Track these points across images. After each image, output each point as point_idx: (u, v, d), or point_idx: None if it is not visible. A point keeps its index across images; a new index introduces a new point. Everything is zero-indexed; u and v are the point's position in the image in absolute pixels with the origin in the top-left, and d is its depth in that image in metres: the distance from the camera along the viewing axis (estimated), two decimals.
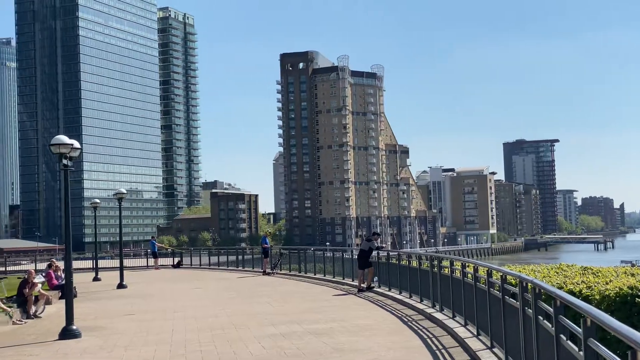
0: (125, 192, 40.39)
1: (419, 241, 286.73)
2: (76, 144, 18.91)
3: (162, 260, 56.79)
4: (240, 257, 52.42)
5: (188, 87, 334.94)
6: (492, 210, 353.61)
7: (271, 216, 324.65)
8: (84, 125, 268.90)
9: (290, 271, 40.60)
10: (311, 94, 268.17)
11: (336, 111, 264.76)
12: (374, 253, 27.99)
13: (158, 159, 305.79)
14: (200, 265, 55.01)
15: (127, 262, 47.11)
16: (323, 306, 23.43)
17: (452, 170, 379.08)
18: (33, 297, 23.43)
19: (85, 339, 17.65)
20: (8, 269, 61.84)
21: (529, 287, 10.01)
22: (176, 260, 56.90)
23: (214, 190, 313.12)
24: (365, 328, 17.64)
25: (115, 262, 51.90)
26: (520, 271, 14.83)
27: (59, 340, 17.63)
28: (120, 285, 35.16)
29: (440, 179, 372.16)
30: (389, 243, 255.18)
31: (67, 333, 17.91)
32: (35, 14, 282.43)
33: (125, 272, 37.89)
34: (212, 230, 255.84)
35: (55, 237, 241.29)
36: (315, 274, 36.54)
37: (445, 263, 18.25)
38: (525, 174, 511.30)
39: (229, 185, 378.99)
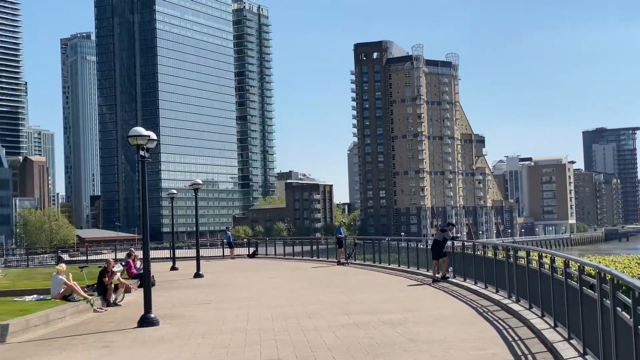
0: (201, 182, 40.87)
1: (495, 231, 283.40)
2: (153, 136, 19.20)
3: (237, 250, 57.41)
4: (314, 247, 52.61)
5: (262, 78, 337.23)
6: (570, 200, 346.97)
7: (346, 206, 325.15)
8: (161, 117, 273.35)
9: (364, 261, 40.57)
10: (385, 83, 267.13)
11: (410, 101, 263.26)
12: (449, 243, 27.78)
13: (233, 150, 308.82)
14: (275, 255, 55.43)
15: (203, 252, 47.70)
16: (397, 296, 23.35)
17: (530, 159, 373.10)
18: (113, 286, 23.94)
19: (162, 326, 17.96)
20: (89, 258, 63.38)
21: (608, 278, 9.80)
22: (251, 250, 57.43)
23: (288, 181, 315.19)
24: (440, 318, 17.52)
25: (192, 252, 52.70)
26: (599, 262, 14.51)
27: (138, 327, 17.98)
28: (197, 275, 35.64)
29: (517, 169, 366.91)
30: (465, 233, 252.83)
31: (146, 321, 18.25)
32: (114, 8, 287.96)
33: (201, 261, 38.40)
34: (287, 221, 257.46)
35: (134, 227, 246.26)
36: (389, 264, 36.43)
37: (522, 253, 17.97)
38: (606, 163, 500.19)
39: (304, 175, 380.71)
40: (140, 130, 18.91)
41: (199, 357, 13.44)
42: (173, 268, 42.52)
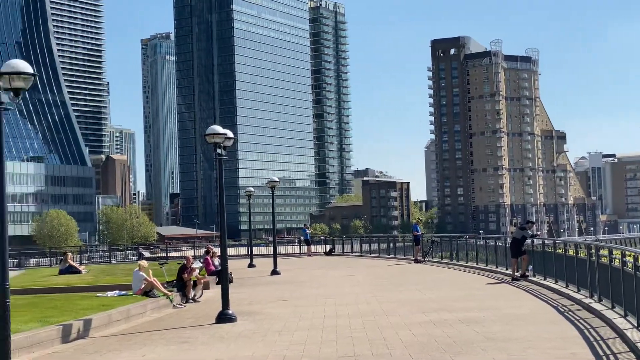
0: (278, 180, 41.13)
1: (577, 229, 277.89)
2: (229, 134, 19.39)
3: (314, 248, 57.56)
4: (391, 245, 52.41)
5: (339, 75, 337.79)
6: None
7: (423, 204, 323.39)
8: (238, 116, 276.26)
9: (442, 259, 40.24)
10: (463, 80, 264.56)
11: (489, 97, 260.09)
12: (528, 241, 27.32)
13: (310, 148, 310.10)
14: (352, 252, 55.40)
15: (280, 249, 47.99)
16: (475, 294, 23.08)
17: (613, 155, 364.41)
18: (191, 282, 24.27)
19: (240, 323, 18.13)
20: (169, 254, 64.46)
21: None
22: (328, 247, 57.50)
23: (365, 178, 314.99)
24: (519, 317, 17.23)
25: (269, 249, 53.09)
26: None
27: (216, 324, 18.19)
28: (274, 272, 35.85)
29: (599, 165, 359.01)
30: (546, 231, 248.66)
31: (223, 317, 18.45)
32: (193, 8, 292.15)
33: (278, 259, 38.63)
34: (364, 218, 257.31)
35: (212, 224, 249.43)
36: (467, 262, 36.04)
37: (604, 252, 17.55)
38: None
39: (380, 173, 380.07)
40: (218, 128, 19.12)
41: (275, 353, 13.51)
42: (250, 265, 42.87)
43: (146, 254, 77.71)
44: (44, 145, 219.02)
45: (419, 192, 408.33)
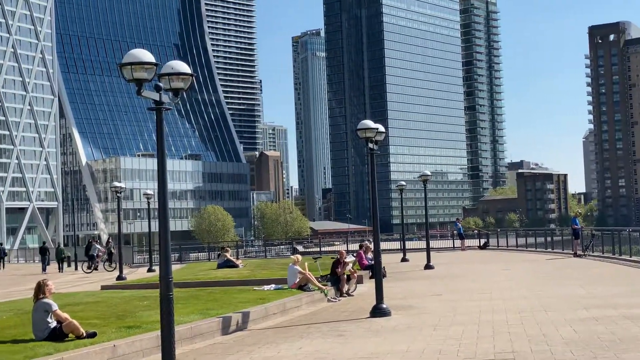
0: (429, 174, 40.82)
1: None
2: (381, 128, 19.37)
3: (468, 242, 56.81)
4: (548, 239, 50.97)
5: (491, 66, 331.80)
6: None
7: (582, 196, 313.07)
8: (389, 110, 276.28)
9: (603, 253, 38.71)
10: (623, 67, 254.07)
11: None
12: None
13: (462, 141, 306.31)
14: (507, 246, 54.28)
15: (433, 244, 47.59)
16: None
17: None
18: (345, 277, 24.43)
19: (394, 317, 18.07)
20: (322, 249, 65.27)
21: None
22: (482, 241, 56.60)
23: (519, 171, 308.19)
24: None
25: (422, 244, 52.73)
26: None
27: (370, 318, 18.22)
28: (428, 266, 35.60)
29: None
30: None
31: (378, 311, 18.46)
32: (342, 4, 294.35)
33: (431, 253, 38.31)
34: (519, 211, 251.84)
35: (365, 218, 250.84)
36: (631, 257, 34.52)
37: None
38: None
39: (536, 165, 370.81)
40: (369, 123, 19.13)
41: (431, 348, 13.37)
42: (403, 259, 42.78)
43: (300, 248, 79.08)
44: (201, 143, 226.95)
45: (577, 184, 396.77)
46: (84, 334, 13.89)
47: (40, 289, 14.23)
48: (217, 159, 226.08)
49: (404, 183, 48.93)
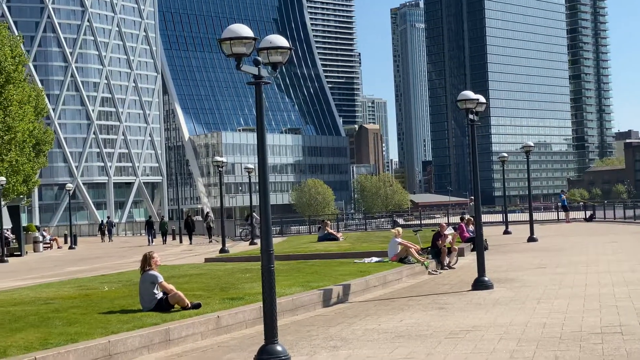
0: (532, 145, 39.98)
1: None
2: (481, 99, 19.04)
3: (573, 214, 55.53)
4: None
5: (597, 34, 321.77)
6: None
7: None
8: (490, 80, 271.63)
9: None
10: None
11: None
12: None
13: (567, 110, 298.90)
14: (614, 218, 52.76)
15: (536, 216, 46.62)
16: None
17: None
18: (446, 249, 24.26)
19: (496, 290, 17.85)
20: (422, 222, 64.98)
21: None
22: (588, 213, 55.21)
23: (627, 141, 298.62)
24: None
25: (525, 216, 51.81)
26: None
27: (472, 290, 18.05)
28: (531, 239, 34.99)
29: None
30: None
31: (480, 284, 18.27)
32: None
33: (535, 225, 37.61)
34: (627, 182, 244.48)
35: (465, 191, 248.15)
36: None
37: None
38: None
39: None
40: (469, 94, 18.84)
41: (535, 321, 13.14)
42: (506, 232, 42.17)
43: (400, 221, 78.88)
44: (300, 117, 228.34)
45: None
46: (189, 305, 14.21)
47: (146, 261, 14.62)
48: (316, 132, 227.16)
49: (505, 155, 48.12)
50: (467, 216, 35.29)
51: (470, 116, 18.75)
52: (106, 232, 72.13)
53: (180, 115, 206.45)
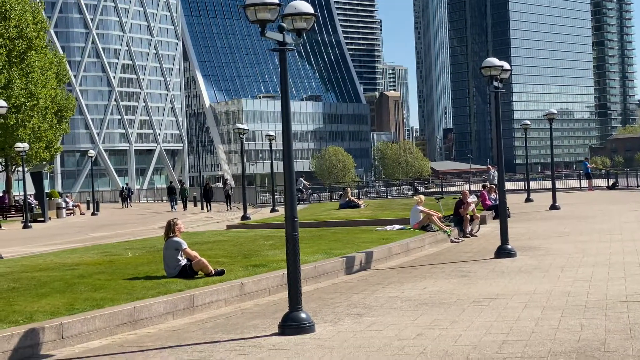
0: (556, 112, 39.64)
1: None
2: (506, 66, 18.86)
3: (595, 182, 55.19)
4: None
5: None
6: None
7: None
8: (512, 47, 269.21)
9: None
10: None
11: None
12: None
13: (589, 77, 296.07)
14: (637, 186, 52.38)
15: (558, 184, 46.32)
16: None
17: None
18: (468, 217, 24.19)
19: (520, 258, 17.80)
20: (443, 189, 64.84)
21: None
22: (611, 181, 54.84)
23: None
24: None
25: (546, 184, 51.58)
26: None
27: (495, 258, 18.00)
28: (553, 207, 34.81)
29: None
30: None
31: (503, 252, 18.21)
32: None
33: (557, 193, 37.41)
34: None
35: (486, 158, 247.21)
36: None
37: None
38: None
39: None
40: (494, 60, 18.66)
41: (559, 289, 13.09)
42: (527, 200, 41.99)
43: (421, 189, 78.88)
44: (321, 84, 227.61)
45: None
46: (213, 272, 14.28)
47: (170, 228, 14.68)
48: (337, 100, 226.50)
49: (528, 122, 47.82)
50: (488, 184, 35.20)
51: (495, 83, 18.58)
52: (126, 199, 72.81)
53: (201, 82, 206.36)
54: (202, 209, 56.17)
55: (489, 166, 50.63)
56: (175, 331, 11.30)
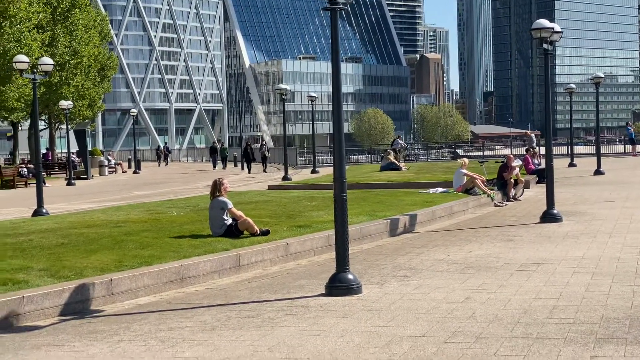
0: (602, 76, 38.95)
1: None
2: (557, 28, 18.51)
3: None
4: None
5: None
6: None
7: None
8: (556, 10, 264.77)
9: None
10: None
11: None
12: None
13: (635, 42, 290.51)
14: None
15: (602, 149, 45.78)
16: None
17: None
18: (512, 181, 23.99)
19: (565, 223, 17.61)
20: (484, 153, 64.35)
21: None
22: None
23: None
24: None
25: (589, 149, 50.90)
26: None
27: (540, 223, 17.82)
28: (597, 172, 34.39)
29: None
30: None
31: (548, 217, 18.02)
32: None
33: (601, 158, 36.92)
34: None
35: (527, 122, 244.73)
36: None
37: None
38: None
39: None
40: (544, 22, 18.29)
41: (608, 255, 12.93)
42: (571, 164, 41.53)
43: (460, 152, 78.34)
44: (361, 45, 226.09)
45: None
46: (258, 232, 14.32)
47: (216, 187, 14.71)
48: (377, 61, 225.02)
49: (573, 86, 47.04)
50: (532, 149, 34.83)
51: (545, 45, 18.25)
52: (163, 157, 73.39)
53: (241, 42, 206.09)
54: (242, 169, 56.36)
55: (527, 132, 50.07)
56: (221, 290, 11.37)
